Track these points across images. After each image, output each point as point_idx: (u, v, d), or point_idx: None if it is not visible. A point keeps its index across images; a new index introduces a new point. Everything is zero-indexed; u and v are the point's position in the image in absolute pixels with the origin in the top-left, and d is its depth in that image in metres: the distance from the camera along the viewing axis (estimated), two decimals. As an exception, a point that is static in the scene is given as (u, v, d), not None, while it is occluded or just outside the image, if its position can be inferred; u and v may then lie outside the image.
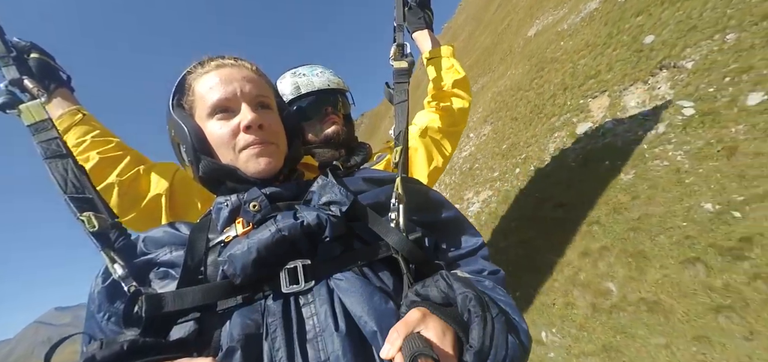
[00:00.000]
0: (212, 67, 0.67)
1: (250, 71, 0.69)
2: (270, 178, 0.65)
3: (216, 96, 0.63)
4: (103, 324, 0.53)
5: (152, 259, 0.57)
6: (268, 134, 0.66)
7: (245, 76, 0.67)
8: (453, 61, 1.27)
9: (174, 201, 0.99)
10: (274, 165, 0.65)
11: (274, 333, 0.49)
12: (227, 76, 0.65)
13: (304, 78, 1.17)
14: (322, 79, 1.18)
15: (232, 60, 0.70)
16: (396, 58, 0.92)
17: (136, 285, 0.51)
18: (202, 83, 0.65)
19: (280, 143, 0.68)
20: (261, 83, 0.69)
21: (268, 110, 0.69)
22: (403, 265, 0.56)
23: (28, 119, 0.67)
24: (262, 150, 0.64)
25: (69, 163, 0.64)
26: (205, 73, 0.66)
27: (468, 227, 0.69)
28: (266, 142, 0.65)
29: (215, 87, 0.64)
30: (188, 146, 0.64)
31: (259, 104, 0.67)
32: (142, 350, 0.46)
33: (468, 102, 1.26)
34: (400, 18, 0.98)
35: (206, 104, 0.64)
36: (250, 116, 0.63)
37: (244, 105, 0.64)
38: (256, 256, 0.50)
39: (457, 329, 0.46)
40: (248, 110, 0.64)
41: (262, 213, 0.57)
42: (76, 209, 0.59)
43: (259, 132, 0.64)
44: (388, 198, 0.63)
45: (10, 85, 0.75)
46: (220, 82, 0.64)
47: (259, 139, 0.63)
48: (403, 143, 0.73)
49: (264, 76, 0.73)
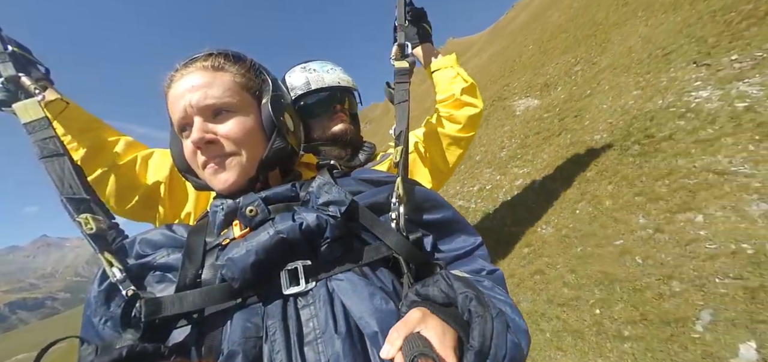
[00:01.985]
0: (174, 81, 0.63)
1: (204, 72, 0.62)
2: (238, 191, 0.61)
3: (175, 116, 0.63)
4: (101, 329, 0.53)
5: (149, 262, 0.57)
6: (221, 148, 0.61)
7: (195, 84, 0.61)
8: (458, 70, 1.26)
9: (174, 189, 0.97)
10: (234, 181, 0.61)
11: (274, 335, 0.48)
12: (179, 91, 0.61)
13: (314, 74, 1.16)
14: (333, 76, 1.17)
15: (185, 68, 0.63)
16: (397, 58, 0.91)
17: (134, 289, 0.51)
18: (169, 102, 0.64)
19: (245, 150, 0.62)
20: (217, 84, 0.62)
21: (227, 113, 0.62)
22: (403, 265, 0.56)
23: (24, 116, 0.66)
24: (216, 168, 0.61)
25: (66, 162, 0.63)
26: (169, 89, 0.64)
27: (466, 226, 0.69)
28: (221, 157, 0.61)
29: (172, 106, 0.63)
30: (176, 168, 0.69)
31: (213, 111, 0.61)
32: (141, 356, 0.45)
33: (478, 108, 1.24)
34: (402, 17, 0.97)
35: (174, 124, 0.65)
36: (196, 136, 0.59)
37: (195, 119, 0.60)
38: (254, 259, 0.50)
39: (458, 329, 0.46)
40: (197, 126, 0.60)
41: (259, 218, 0.56)
42: (73, 210, 0.58)
43: (210, 148, 0.61)
44: (387, 198, 0.63)
45: (6, 82, 0.74)
46: (174, 98, 0.62)
47: (211, 156, 0.61)
48: (404, 143, 0.73)
49: (230, 68, 0.65)
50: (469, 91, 1.24)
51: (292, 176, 0.72)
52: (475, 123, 1.26)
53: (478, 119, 1.26)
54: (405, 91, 0.83)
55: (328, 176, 0.66)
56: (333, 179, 0.66)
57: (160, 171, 0.97)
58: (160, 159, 0.99)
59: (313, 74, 1.16)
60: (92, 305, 0.54)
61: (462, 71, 1.26)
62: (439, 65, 1.29)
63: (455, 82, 1.24)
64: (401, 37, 0.94)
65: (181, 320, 0.51)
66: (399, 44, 0.92)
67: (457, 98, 1.22)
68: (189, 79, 0.61)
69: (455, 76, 1.25)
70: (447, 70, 1.27)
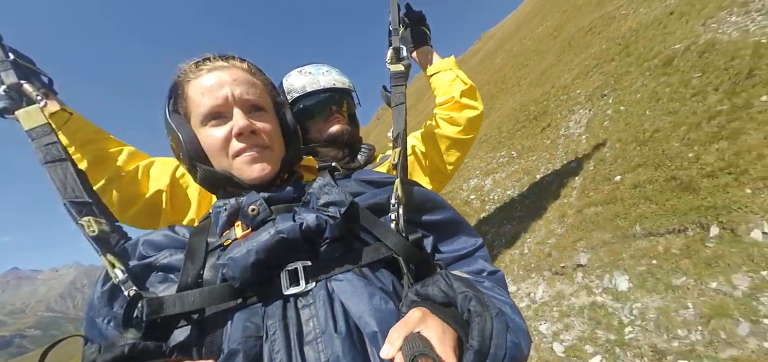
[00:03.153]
0: (203, 71, 0.65)
1: (243, 71, 0.67)
2: (267, 183, 0.64)
3: (208, 102, 0.63)
4: (104, 329, 0.53)
5: (152, 262, 0.57)
6: (261, 139, 0.64)
7: (237, 78, 0.65)
8: (457, 72, 1.26)
9: (175, 197, 0.98)
10: (269, 171, 0.64)
11: (274, 335, 0.49)
12: (218, 80, 0.63)
13: (310, 76, 1.17)
14: (328, 78, 1.18)
15: (222, 61, 0.67)
16: (393, 62, 0.92)
17: (136, 289, 0.51)
18: (194, 88, 0.65)
19: (275, 147, 0.67)
20: (254, 84, 0.68)
21: (262, 111, 0.67)
22: (403, 265, 0.56)
23: (27, 123, 0.67)
24: (255, 157, 0.63)
25: (68, 167, 0.63)
26: (196, 77, 0.65)
27: (466, 227, 0.69)
28: (260, 147, 0.64)
29: (206, 92, 0.63)
30: (184, 155, 0.65)
31: (251, 107, 0.65)
32: (143, 353, 0.46)
33: (478, 110, 1.25)
34: (396, 21, 0.98)
35: (199, 110, 0.64)
36: (242, 123, 0.62)
37: (236, 110, 0.63)
38: (255, 258, 0.50)
39: (457, 328, 0.46)
40: (240, 115, 0.62)
41: (260, 217, 0.57)
42: (75, 213, 0.59)
43: (252, 138, 0.63)
44: (387, 199, 0.63)
45: (8, 89, 0.75)
46: (211, 86, 0.63)
47: (251, 145, 0.63)
48: (402, 144, 0.73)
49: (259, 75, 0.71)
50: (468, 93, 1.24)
51: (293, 177, 0.73)
52: (476, 125, 1.26)
53: (478, 121, 1.26)
54: (401, 94, 0.84)
55: (328, 177, 0.67)
56: (333, 180, 0.66)
57: (161, 180, 0.98)
58: (161, 168, 1.01)
59: (309, 77, 1.17)
60: (95, 306, 0.55)
61: (461, 74, 1.26)
62: (438, 68, 1.29)
63: (455, 84, 1.24)
64: (396, 40, 0.95)
65: (183, 319, 0.51)
66: (394, 48, 0.93)
67: (456, 101, 1.22)
68: (230, 73, 0.65)
69: (454, 78, 1.25)
70: (446, 73, 1.27)
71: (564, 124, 3.79)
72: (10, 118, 0.72)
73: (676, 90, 2.69)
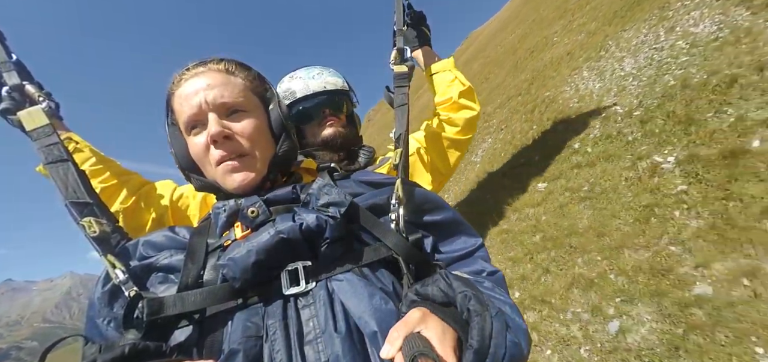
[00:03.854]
0: (183, 81, 0.65)
1: (218, 72, 0.65)
2: (253, 189, 0.63)
3: (185, 112, 0.63)
4: (104, 330, 0.53)
5: (152, 263, 0.58)
6: (238, 144, 0.62)
7: (211, 82, 0.63)
8: (455, 73, 1.28)
9: (175, 212, 1.01)
10: (251, 179, 0.63)
11: (274, 335, 0.49)
12: (193, 88, 0.62)
13: (300, 81, 1.17)
14: (319, 81, 1.17)
15: (201, 67, 0.65)
16: (396, 62, 0.92)
17: (136, 290, 0.51)
18: (177, 99, 0.65)
19: (257, 150, 0.64)
20: (230, 84, 0.65)
21: (241, 112, 0.64)
22: (403, 265, 0.57)
23: (29, 124, 0.67)
24: (235, 166, 0.62)
25: (70, 167, 0.64)
26: (178, 87, 0.65)
27: (466, 227, 0.69)
28: (238, 154, 0.62)
29: (184, 101, 0.63)
30: (179, 167, 0.67)
31: (228, 109, 0.63)
32: (143, 354, 0.46)
33: (475, 111, 1.26)
34: (401, 22, 0.98)
35: (182, 119, 0.64)
36: (214, 129, 0.60)
37: (211, 116, 0.62)
38: (255, 259, 0.50)
39: (457, 328, 0.46)
40: (214, 121, 0.61)
41: (260, 219, 0.57)
42: (76, 214, 0.59)
43: (227, 144, 0.62)
44: (387, 200, 0.63)
45: (11, 90, 0.75)
46: (188, 95, 0.63)
47: (229, 151, 0.62)
48: (404, 145, 0.74)
49: (239, 72, 0.68)
50: (466, 94, 1.26)
51: (293, 178, 0.73)
52: (473, 125, 1.28)
53: (475, 122, 1.28)
54: (404, 95, 0.84)
55: (328, 178, 0.67)
56: (333, 181, 0.66)
57: (160, 206, 1.01)
58: (159, 193, 1.04)
59: (299, 82, 1.16)
60: (96, 306, 0.55)
61: (460, 75, 1.28)
62: (438, 69, 1.31)
63: (453, 85, 1.26)
64: (400, 41, 0.95)
65: (183, 320, 0.51)
66: (398, 49, 0.93)
67: (454, 101, 1.23)
68: (203, 79, 0.63)
69: (453, 79, 1.27)
70: (445, 74, 1.29)
71: (476, 149, 4.15)
72: (13, 119, 0.72)
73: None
